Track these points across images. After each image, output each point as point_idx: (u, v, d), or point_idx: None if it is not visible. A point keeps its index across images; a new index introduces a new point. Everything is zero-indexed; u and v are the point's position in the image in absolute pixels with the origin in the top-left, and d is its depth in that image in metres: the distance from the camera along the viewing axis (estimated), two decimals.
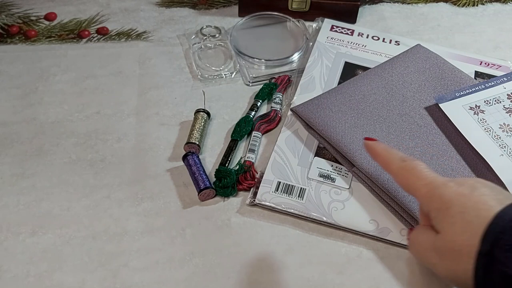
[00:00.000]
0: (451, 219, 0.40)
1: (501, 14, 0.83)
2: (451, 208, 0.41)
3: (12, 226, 0.55)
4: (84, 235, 0.54)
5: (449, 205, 0.41)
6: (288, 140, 0.61)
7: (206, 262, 0.52)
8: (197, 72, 0.70)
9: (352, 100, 0.63)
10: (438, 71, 0.66)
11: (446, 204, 0.41)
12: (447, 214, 0.41)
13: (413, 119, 0.61)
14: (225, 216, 0.56)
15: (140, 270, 0.52)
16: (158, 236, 0.54)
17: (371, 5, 0.82)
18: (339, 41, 0.73)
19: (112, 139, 0.63)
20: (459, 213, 0.40)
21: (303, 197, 0.57)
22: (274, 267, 0.52)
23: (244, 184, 0.58)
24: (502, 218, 0.38)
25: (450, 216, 0.40)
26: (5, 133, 0.63)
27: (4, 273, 0.51)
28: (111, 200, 0.57)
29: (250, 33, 0.76)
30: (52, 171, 0.60)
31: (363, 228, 0.54)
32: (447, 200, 0.41)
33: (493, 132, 0.59)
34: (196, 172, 0.58)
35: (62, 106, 0.66)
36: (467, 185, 0.41)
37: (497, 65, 0.71)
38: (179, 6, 0.81)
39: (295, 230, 0.55)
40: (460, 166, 0.57)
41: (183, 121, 0.65)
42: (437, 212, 0.42)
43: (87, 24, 0.77)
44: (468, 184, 0.42)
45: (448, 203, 0.41)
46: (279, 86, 0.68)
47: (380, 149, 0.48)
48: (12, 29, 0.75)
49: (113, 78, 0.70)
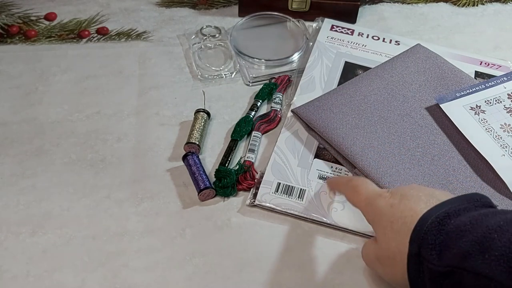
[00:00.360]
0: (383, 229, 0.44)
1: (501, 14, 0.83)
2: (382, 219, 0.45)
3: (12, 226, 0.55)
4: (84, 235, 0.54)
5: (380, 217, 0.45)
6: (288, 141, 0.61)
7: (206, 262, 0.52)
8: (197, 72, 0.70)
9: (352, 101, 0.63)
10: (438, 71, 0.66)
11: (378, 216, 0.45)
12: (379, 225, 0.45)
13: (414, 120, 0.61)
14: (225, 216, 0.56)
15: (140, 270, 0.52)
16: (158, 236, 0.54)
17: (371, 5, 0.82)
18: (339, 41, 0.73)
19: (112, 139, 0.63)
20: (389, 222, 0.44)
21: (303, 198, 0.56)
22: (274, 267, 0.52)
23: (244, 184, 0.58)
24: (425, 220, 0.41)
25: (382, 227, 0.44)
26: (5, 133, 0.63)
27: (4, 273, 0.51)
28: (111, 200, 0.57)
29: (250, 33, 0.76)
30: (52, 171, 0.59)
31: (363, 229, 0.54)
32: (379, 212, 0.45)
33: (494, 132, 0.59)
34: (196, 172, 0.58)
35: (62, 106, 0.66)
36: (398, 194, 0.45)
37: (497, 65, 0.71)
38: (179, 6, 0.81)
39: (295, 230, 0.55)
40: (461, 166, 0.57)
41: (183, 121, 0.65)
42: (373, 223, 0.46)
43: (87, 24, 0.77)
44: (400, 193, 0.45)
45: (380, 215, 0.45)
46: (279, 86, 0.68)
47: (332, 179, 0.56)
48: (12, 29, 0.75)
49: (113, 78, 0.70)
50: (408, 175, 0.56)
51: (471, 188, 0.56)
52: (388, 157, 0.58)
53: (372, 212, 0.46)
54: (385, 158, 0.57)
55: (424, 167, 0.57)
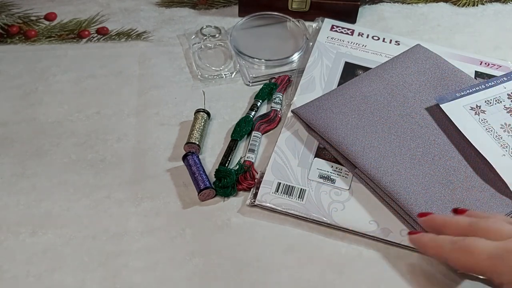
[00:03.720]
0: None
1: (501, 14, 0.83)
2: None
3: (12, 226, 0.55)
4: (84, 235, 0.54)
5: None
6: (288, 141, 0.61)
7: (206, 262, 0.52)
8: (197, 72, 0.70)
9: (353, 101, 0.63)
10: (439, 71, 0.66)
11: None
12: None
13: (414, 120, 0.61)
14: (225, 216, 0.56)
15: (140, 270, 0.52)
16: (158, 236, 0.54)
17: (371, 5, 0.82)
18: (339, 41, 0.73)
19: (112, 139, 0.63)
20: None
21: (303, 198, 0.56)
22: (274, 267, 0.52)
23: (244, 184, 0.58)
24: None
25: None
26: (5, 133, 0.63)
27: (4, 273, 0.51)
28: (111, 200, 0.57)
29: (250, 33, 0.76)
30: (52, 171, 0.59)
31: (363, 229, 0.54)
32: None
33: (494, 132, 0.59)
34: (196, 172, 0.58)
35: (62, 106, 0.66)
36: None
37: (497, 65, 0.71)
38: (179, 6, 0.81)
39: (295, 230, 0.55)
40: (461, 166, 0.57)
41: (183, 121, 0.65)
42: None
43: (87, 24, 0.77)
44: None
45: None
46: (279, 86, 0.68)
47: (427, 240, 0.48)
48: (12, 29, 0.75)
49: (113, 78, 0.70)
50: (409, 174, 0.56)
51: (471, 188, 0.56)
52: (389, 157, 0.58)
53: (506, 273, 0.41)
54: (385, 158, 0.57)
55: (424, 167, 0.57)
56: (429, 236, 0.48)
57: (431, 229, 0.49)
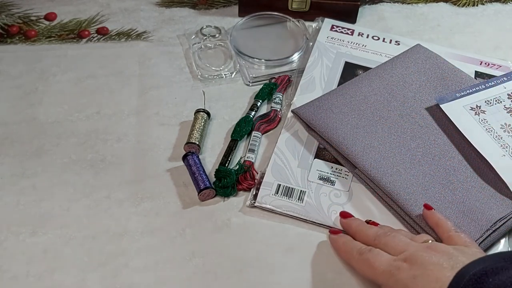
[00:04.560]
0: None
1: (501, 14, 0.83)
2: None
3: (12, 226, 0.55)
4: (84, 235, 0.54)
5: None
6: (288, 142, 0.61)
7: (206, 262, 0.52)
8: (197, 72, 0.70)
9: (353, 101, 0.63)
10: (439, 71, 0.66)
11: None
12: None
13: (414, 120, 0.61)
14: (225, 216, 0.56)
15: (140, 270, 0.52)
16: (158, 236, 0.54)
17: (371, 5, 0.82)
18: (339, 41, 0.73)
19: (112, 139, 0.63)
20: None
21: (303, 200, 0.56)
22: (274, 267, 0.52)
23: (244, 184, 0.58)
24: (461, 277, 0.41)
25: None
26: (5, 133, 0.63)
27: (4, 273, 0.51)
28: (111, 200, 0.57)
29: (250, 33, 0.76)
30: (52, 171, 0.59)
31: None
32: (403, 285, 0.44)
33: (494, 132, 0.59)
34: (196, 172, 0.58)
35: (62, 106, 0.66)
36: (418, 264, 0.44)
37: (497, 65, 0.71)
38: (179, 6, 0.81)
39: (295, 230, 0.55)
40: (462, 167, 0.57)
41: (183, 121, 0.65)
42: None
43: (87, 24, 0.77)
44: (419, 261, 0.45)
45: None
46: (279, 86, 0.68)
47: (341, 244, 0.52)
48: (12, 29, 0.75)
49: (113, 78, 0.70)
50: (409, 175, 0.56)
51: (471, 188, 0.56)
52: (389, 157, 0.58)
53: (394, 286, 0.45)
54: (385, 158, 0.57)
55: (424, 167, 0.57)
56: (344, 240, 0.52)
57: (347, 232, 0.53)
